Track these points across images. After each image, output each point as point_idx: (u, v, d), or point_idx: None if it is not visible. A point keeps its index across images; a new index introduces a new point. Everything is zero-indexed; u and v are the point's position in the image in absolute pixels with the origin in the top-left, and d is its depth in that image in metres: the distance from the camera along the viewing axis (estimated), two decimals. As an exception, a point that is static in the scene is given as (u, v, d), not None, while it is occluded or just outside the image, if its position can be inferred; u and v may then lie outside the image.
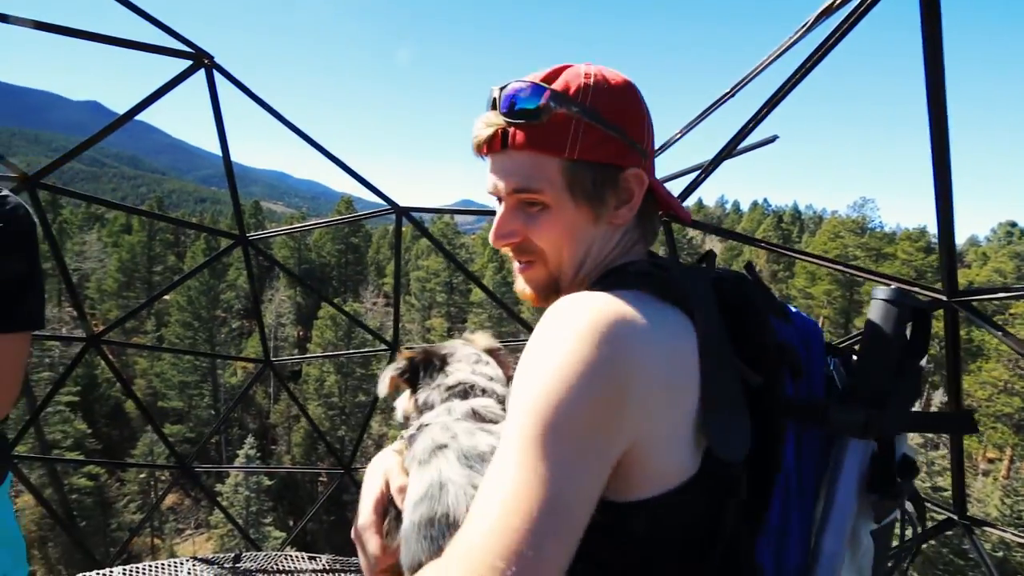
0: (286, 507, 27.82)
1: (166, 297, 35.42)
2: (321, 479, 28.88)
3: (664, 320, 0.65)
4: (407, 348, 1.00)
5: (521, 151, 0.75)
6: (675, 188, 2.31)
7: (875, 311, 0.78)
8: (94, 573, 3.12)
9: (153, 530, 26.40)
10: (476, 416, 0.81)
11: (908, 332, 0.78)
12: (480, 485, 0.60)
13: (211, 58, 2.60)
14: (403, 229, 3.16)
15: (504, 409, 0.81)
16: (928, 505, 2.61)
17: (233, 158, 2.83)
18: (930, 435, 25.62)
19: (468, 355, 0.95)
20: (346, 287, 48.51)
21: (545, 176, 0.75)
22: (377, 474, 0.87)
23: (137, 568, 3.24)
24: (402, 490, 0.80)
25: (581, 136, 0.75)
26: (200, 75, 2.70)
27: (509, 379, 0.89)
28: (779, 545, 0.73)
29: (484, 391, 0.87)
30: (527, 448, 0.56)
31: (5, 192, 1.14)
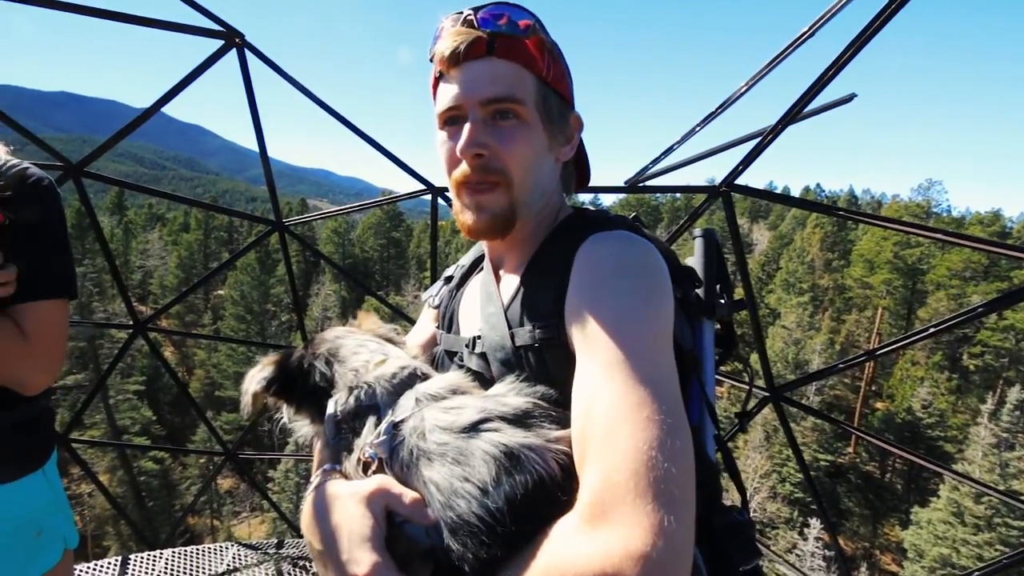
0: (334, 493, 28.76)
1: (221, 292, 37.26)
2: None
3: None
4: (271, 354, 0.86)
5: (505, 60, 0.78)
6: (736, 156, 2.07)
7: (700, 244, 1.04)
8: (147, 554, 3.21)
9: (212, 512, 28.02)
10: (458, 392, 0.73)
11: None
12: (605, 400, 0.61)
13: (242, 37, 2.55)
14: (444, 223, 3.07)
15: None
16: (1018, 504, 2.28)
17: (281, 158, 2.84)
18: (1005, 434, 23.74)
19: (358, 342, 0.83)
20: (388, 281, 49.66)
21: (526, 88, 0.79)
22: (352, 509, 0.66)
23: (186, 551, 3.31)
24: (417, 501, 0.65)
25: (551, 64, 0.82)
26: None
27: None
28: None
29: (426, 373, 0.79)
30: (643, 363, 0.63)
31: (26, 165, 1.15)
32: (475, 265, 1.02)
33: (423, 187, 2.93)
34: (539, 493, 0.60)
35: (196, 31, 2.56)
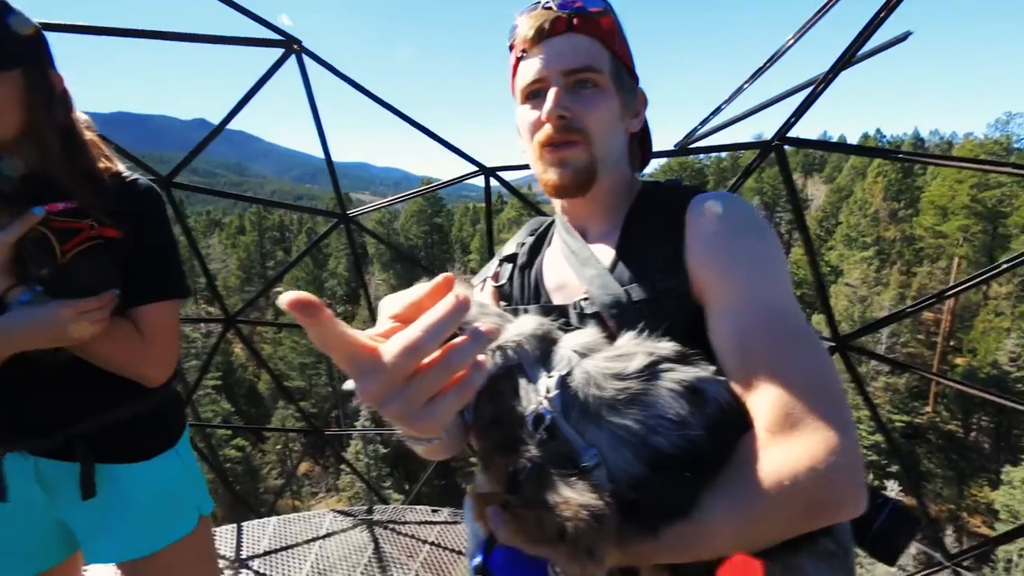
0: (402, 472, 30.35)
1: (279, 289, 39.38)
2: (429, 447, 31.09)
3: None
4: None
5: (583, 35, 0.85)
6: (785, 109, 2.04)
7: None
8: (256, 522, 3.60)
9: (292, 493, 30.13)
10: (602, 344, 0.74)
11: None
12: (764, 331, 0.70)
13: (300, 43, 2.72)
14: (481, 207, 3.20)
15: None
16: None
17: (318, 153, 2.96)
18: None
19: (477, 306, 0.79)
20: (434, 266, 50.67)
21: (602, 59, 0.86)
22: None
23: (289, 518, 3.69)
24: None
25: (621, 42, 0.89)
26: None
27: None
28: None
29: (555, 330, 0.78)
30: (787, 298, 0.73)
31: (136, 176, 1.23)
32: (540, 240, 1.05)
33: (475, 168, 3.05)
34: (725, 419, 0.66)
35: (257, 42, 2.75)
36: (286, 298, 0.40)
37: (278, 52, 2.83)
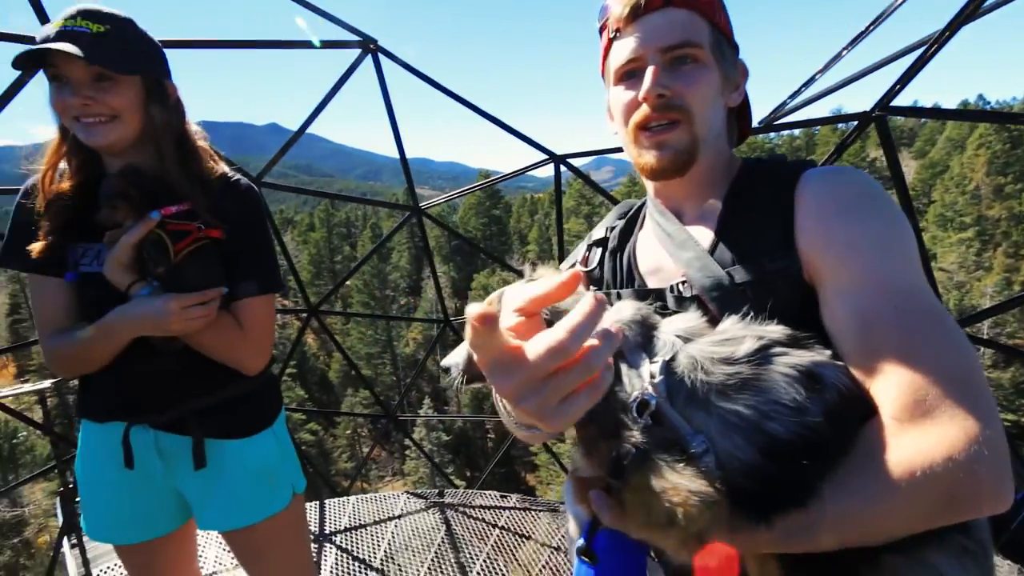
0: (463, 459, 31.23)
1: (348, 283, 41.53)
2: (490, 436, 31.88)
3: None
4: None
5: (681, 8, 0.81)
6: (893, 72, 1.86)
7: None
8: (337, 500, 3.83)
9: (361, 476, 31.83)
10: (705, 328, 0.72)
11: None
12: (891, 311, 0.65)
13: (376, 43, 2.80)
14: (542, 194, 3.19)
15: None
16: None
17: (380, 151, 3.11)
18: None
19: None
20: (493, 257, 51.26)
21: (701, 32, 0.82)
22: None
23: (366, 497, 3.91)
24: None
25: (719, 11, 0.85)
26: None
27: None
28: None
29: (653, 315, 0.76)
30: (916, 275, 0.68)
31: (238, 177, 1.31)
32: (631, 223, 1.02)
33: (545, 157, 3.04)
34: (845, 406, 0.62)
35: (335, 44, 2.86)
36: (474, 310, 0.41)
37: (353, 53, 2.95)
